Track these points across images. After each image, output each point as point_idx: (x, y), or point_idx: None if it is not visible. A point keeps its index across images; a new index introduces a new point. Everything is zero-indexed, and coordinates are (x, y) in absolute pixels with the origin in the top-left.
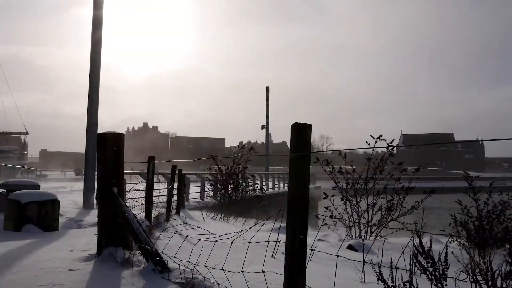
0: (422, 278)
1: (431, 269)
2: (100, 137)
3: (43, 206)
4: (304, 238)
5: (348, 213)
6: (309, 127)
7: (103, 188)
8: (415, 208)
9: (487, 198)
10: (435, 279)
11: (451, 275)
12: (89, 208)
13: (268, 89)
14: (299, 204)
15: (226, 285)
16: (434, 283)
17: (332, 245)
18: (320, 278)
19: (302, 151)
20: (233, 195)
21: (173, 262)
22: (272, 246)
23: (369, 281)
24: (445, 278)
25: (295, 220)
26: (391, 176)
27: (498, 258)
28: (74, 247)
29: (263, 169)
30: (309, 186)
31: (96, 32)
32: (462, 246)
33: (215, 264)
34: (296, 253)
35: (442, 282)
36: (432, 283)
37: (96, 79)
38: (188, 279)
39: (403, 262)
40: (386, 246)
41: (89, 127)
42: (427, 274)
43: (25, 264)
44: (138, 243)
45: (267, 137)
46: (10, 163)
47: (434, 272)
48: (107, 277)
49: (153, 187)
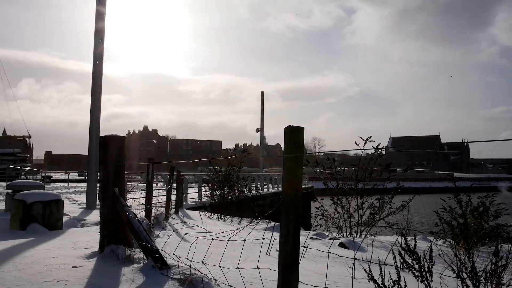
0: (409, 274)
1: (416, 266)
2: (102, 140)
3: (48, 205)
4: (297, 235)
5: (338, 212)
6: (302, 130)
7: (105, 189)
8: (404, 207)
9: (467, 199)
10: (420, 275)
11: (437, 271)
12: (92, 207)
13: (262, 94)
14: (292, 203)
15: (223, 281)
16: (420, 279)
17: (324, 243)
18: (313, 274)
19: (295, 153)
20: (229, 196)
21: (172, 259)
22: (267, 243)
23: (359, 277)
24: (430, 275)
25: (288, 218)
26: (380, 175)
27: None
28: (78, 245)
29: (258, 170)
30: (302, 186)
31: (99, 45)
32: (448, 244)
33: (212, 261)
34: (290, 250)
35: (428, 279)
36: (418, 279)
37: (98, 81)
38: (186, 275)
39: (391, 258)
40: (376, 244)
41: (92, 130)
42: (412, 272)
43: (31, 261)
44: (139, 241)
45: (262, 140)
46: (15, 165)
47: (420, 269)
48: (109, 274)
49: (153, 187)
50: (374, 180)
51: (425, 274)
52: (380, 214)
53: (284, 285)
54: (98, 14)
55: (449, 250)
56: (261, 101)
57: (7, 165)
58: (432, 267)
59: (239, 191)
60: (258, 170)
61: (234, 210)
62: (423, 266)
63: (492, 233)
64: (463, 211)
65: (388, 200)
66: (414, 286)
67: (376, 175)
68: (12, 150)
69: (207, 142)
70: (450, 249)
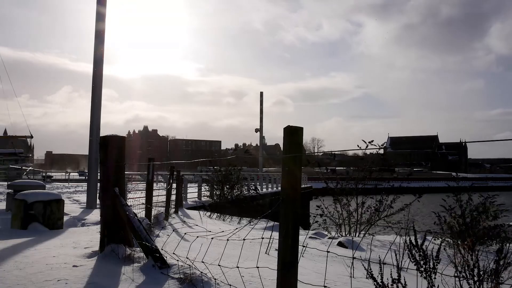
0: (408, 273)
1: (422, 262)
2: (103, 140)
3: (48, 205)
4: (296, 235)
5: (338, 211)
6: (301, 130)
7: (105, 188)
8: (403, 209)
9: (467, 199)
10: (426, 272)
11: (438, 270)
12: (92, 207)
13: (262, 94)
14: (291, 202)
15: (222, 280)
16: (424, 275)
17: (323, 242)
18: (312, 273)
19: (294, 153)
20: (229, 195)
21: (172, 259)
22: (266, 243)
23: (358, 276)
24: (434, 272)
25: (287, 218)
26: (381, 176)
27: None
28: (78, 244)
29: (257, 170)
30: (301, 186)
31: (99, 45)
32: (447, 243)
33: (212, 260)
34: (289, 249)
35: (431, 276)
36: (422, 275)
37: (98, 82)
38: (186, 274)
39: (390, 258)
40: (374, 243)
41: (92, 130)
42: (418, 268)
43: (32, 261)
44: (139, 240)
45: (261, 140)
46: (16, 165)
47: (425, 265)
48: (109, 273)
49: (153, 187)
50: (374, 180)
51: (430, 271)
52: (380, 214)
53: (283, 284)
54: (98, 15)
55: (447, 249)
56: (260, 101)
57: (8, 165)
58: (437, 264)
59: (238, 191)
60: (258, 170)
61: (234, 209)
62: (429, 262)
63: (491, 233)
64: (462, 211)
65: (388, 201)
66: (413, 284)
67: (377, 175)
68: (13, 150)
69: (207, 142)
70: (449, 248)
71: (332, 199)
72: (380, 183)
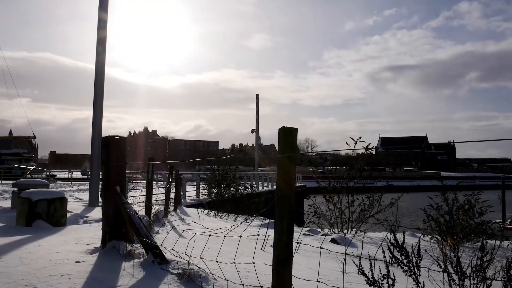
0: (398, 268)
1: (405, 261)
2: (104, 140)
3: (52, 203)
4: (291, 232)
5: (330, 209)
6: (295, 131)
7: (107, 187)
8: (392, 204)
9: (454, 197)
10: (409, 270)
11: (424, 266)
12: (94, 205)
13: (257, 96)
14: (286, 200)
15: (220, 275)
16: (408, 274)
17: (316, 239)
18: (305, 268)
19: (289, 153)
20: (226, 193)
21: (171, 255)
22: (262, 239)
23: (350, 271)
24: (418, 269)
25: (282, 215)
26: (370, 174)
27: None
28: (81, 240)
29: (253, 169)
30: (295, 185)
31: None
32: (435, 240)
33: (210, 256)
34: (283, 246)
35: (416, 273)
36: (406, 274)
37: (100, 86)
38: (184, 269)
39: (381, 254)
40: (366, 240)
41: (94, 131)
42: (401, 266)
43: (36, 256)
44: (139, 237)
45: (257, 140)
46: (21, 165)
47: (408, 264)
48: (110, 268)
49: (153, 186)
50: (364, 178)
51: (413, 269)
52: (370, 211)
53: (278, 279)
54: (100, 21)
55: (436, 246)
56: (256, 103)
57: (13, 164)
58: (420, 262)
59: (235, 189)
60: (254, 169)
61: (231, 207)
62: (411, 261)
63: (477, 229)
64: (449, 209)
65: (377, 197)
66: (403, 280)
67: (367, 174)
68: (18, 150)
69: (204, 142)
70: (437, 245)
71: (324, 197)
72: (370, 182)
